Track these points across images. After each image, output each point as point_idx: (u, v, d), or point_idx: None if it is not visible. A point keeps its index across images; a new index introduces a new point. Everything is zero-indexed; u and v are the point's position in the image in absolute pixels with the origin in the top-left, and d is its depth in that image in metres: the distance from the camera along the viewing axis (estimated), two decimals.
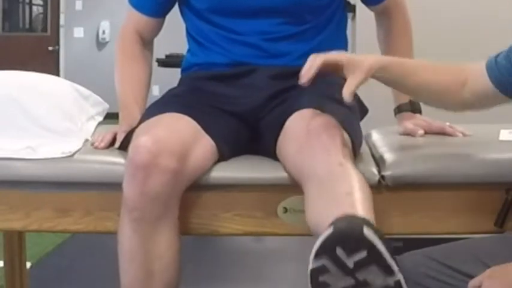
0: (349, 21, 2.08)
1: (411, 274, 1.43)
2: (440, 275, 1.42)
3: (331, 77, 1.84)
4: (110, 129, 1.83)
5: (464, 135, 1.89)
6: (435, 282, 1.42)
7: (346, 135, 1.60)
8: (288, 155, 1.62)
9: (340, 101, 1.72)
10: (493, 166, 1.67)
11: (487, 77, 1.55)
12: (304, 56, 1.82)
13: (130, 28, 1.93)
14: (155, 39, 1.99)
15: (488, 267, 1.38)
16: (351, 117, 1.70)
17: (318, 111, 1.61)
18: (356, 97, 1.86)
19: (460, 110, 1.65)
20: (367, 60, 1.55)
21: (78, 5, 10.03)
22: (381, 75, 1.57)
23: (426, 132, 1.88)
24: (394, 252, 1.29)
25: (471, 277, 1.39)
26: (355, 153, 1.65)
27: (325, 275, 1.28)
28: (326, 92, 1.73)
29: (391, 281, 1.28)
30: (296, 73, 1.81)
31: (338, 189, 1.43)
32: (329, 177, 1.46)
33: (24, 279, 2.37)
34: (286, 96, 1.77)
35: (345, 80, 1.53)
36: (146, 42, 1.95)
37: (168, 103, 1.79)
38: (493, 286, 1.28)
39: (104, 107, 2.10)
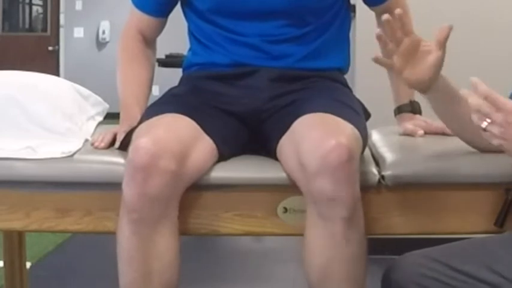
0: None
1: (411, 274, 1.43)
2: (440, 275, 1.42)
3: (334, 83, 1.84)
4: (110, 129, 1.83)
5: None
6: (435, 283, 1.42)
7: (356, 132, 1.61)
8: (291, 166, 1.61)
9: (346, 104, 1.72)
10: (493, 166, 1.67)
11: None
12: (305, 59, 1.82)
13: (132, 27, 1.93)
14: None
15: (489, 267, 1.38)
16: (357, 118, 1.71)
17: (326, 114, 1.62)
18: (359, 101, 1.86)
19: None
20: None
21: (78, 5, 10.03)
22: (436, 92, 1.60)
23: (426, 133, 1.88)
24: (394, 252, 1.29)
25: (471, 277, 1.39)
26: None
27: None
28: (332, 95, 1.73)
29: None
30: (297, 77, 1.81)
31: (337, 274, 1.56)
32: (330, 242, 1.55)
33: (24, 279, 2.36)
34: (290, 99, 1.77)
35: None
36: (148, 42, 1.95)
37: (168, 103, 1.79)
38: None
39: (104, 107, 2.11)
